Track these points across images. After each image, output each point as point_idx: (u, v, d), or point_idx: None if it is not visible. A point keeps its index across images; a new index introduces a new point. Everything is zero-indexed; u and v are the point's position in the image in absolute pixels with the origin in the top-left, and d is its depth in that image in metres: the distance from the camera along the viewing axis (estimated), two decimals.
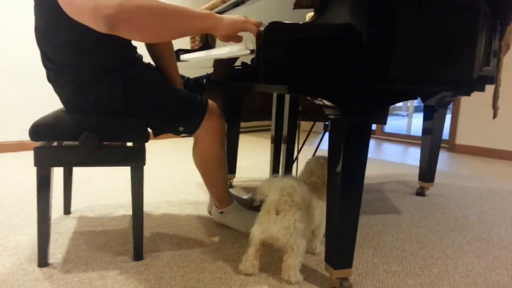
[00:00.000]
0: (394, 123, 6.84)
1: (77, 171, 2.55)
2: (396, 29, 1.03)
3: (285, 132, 1.66)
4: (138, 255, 1.34)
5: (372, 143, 4.39)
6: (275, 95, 1.72)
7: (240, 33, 1.07)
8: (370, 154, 3.63)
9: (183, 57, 1.88)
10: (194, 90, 1.62)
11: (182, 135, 1.40)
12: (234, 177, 2.33)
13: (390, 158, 3.51)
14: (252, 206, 1.70)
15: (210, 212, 1.74)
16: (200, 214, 1.80)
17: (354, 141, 1.07)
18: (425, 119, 2.18)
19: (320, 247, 1.42)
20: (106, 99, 1.27)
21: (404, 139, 4.61)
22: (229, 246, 1.47)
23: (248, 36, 1.05)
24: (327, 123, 2.43)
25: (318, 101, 1.05)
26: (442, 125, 2.15)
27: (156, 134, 1.41)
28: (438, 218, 1.88)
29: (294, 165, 1.78)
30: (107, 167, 1.20)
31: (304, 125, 5.28)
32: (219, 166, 1.45)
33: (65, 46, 1.22)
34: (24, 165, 2.70)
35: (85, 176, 2.45)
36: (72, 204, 1.88)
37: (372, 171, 2.90)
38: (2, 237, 1.49)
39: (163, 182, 2.38)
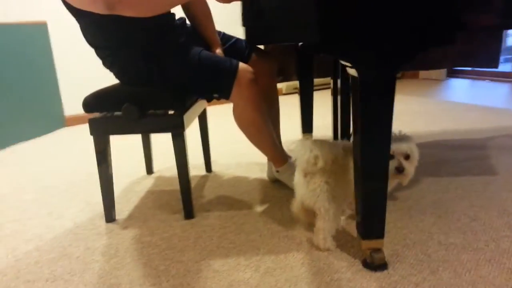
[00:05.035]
0: None
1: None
2: None
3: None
4: (188, 214, 1.44)
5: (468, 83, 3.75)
6: None
7: None
8: (465, 99, 3.12)
9: None
10: (241, 52, 1.60)
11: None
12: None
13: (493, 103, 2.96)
14: None
15: (269, 178, 1.75)
16: (263, 177, 1.81)
17: (378, 97, 0.95)
18: None
19: None
20: (144, 75, 1.35)
21: None
22: (276, 209, 1.47)
23: None
24: None
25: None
26: None
27: (208, 100, 1.47)
28: None
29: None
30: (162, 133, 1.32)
31: None
32: (256, 130, 1.43)
33: (95, 28, 1.31)
34: None
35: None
36: (155, 164, 2.07)
37: (467, 124, 2.49)
38: (88, 195, 1.73)
39: (239, 144, 2.45)
